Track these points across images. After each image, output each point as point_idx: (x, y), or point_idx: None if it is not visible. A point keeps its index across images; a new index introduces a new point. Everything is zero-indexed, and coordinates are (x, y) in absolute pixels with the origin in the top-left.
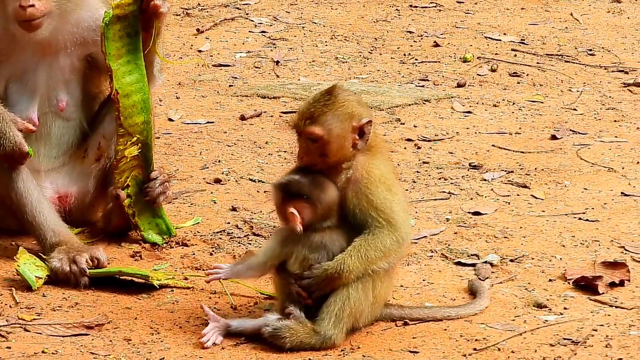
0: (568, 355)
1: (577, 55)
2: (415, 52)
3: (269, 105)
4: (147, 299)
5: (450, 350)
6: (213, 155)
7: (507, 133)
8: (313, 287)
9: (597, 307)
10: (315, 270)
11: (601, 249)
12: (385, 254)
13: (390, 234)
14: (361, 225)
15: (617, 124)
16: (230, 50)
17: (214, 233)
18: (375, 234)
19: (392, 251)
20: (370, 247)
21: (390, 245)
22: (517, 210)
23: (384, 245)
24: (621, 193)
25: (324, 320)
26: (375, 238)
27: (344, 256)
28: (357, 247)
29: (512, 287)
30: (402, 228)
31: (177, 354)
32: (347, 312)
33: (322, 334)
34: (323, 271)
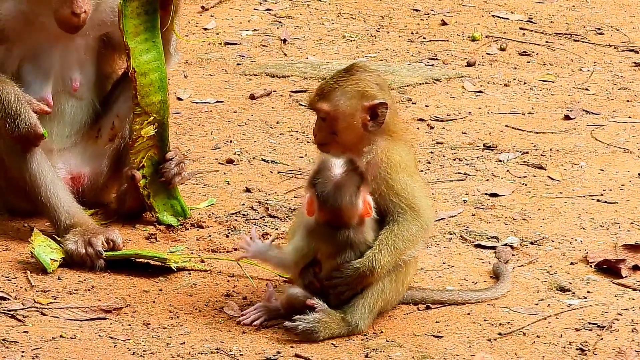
0: (594, 340)
1: (586, 34)
2: (422, 31)
3: (278, 84)
4: (165, 282)
5: (474, 334)
6: (224, 135)
7: (519, 113)
8: (344, 288)
9: (620, 290)
10: (346, 270)
11: (621, 231)
12: (412, 242)
13: (414, 221)
14: (383, 212)
15: (630, 104)
16: (236, 29)
17: (229, 214)
18: (400, 223)
19: (419, 238)
20: (397, 238)
21: (416, 232)
22: (534, 191)
23: (410, 233)
24: (638, 174)
25: (356, 311)
26: (400, 227)
27: (374, 252)
28: (385, 241)
29: (534, 270)
30: (426, 213)
31: (197, 338)
32: (379, 303)
33: (353, 323)
34: (354, 270)
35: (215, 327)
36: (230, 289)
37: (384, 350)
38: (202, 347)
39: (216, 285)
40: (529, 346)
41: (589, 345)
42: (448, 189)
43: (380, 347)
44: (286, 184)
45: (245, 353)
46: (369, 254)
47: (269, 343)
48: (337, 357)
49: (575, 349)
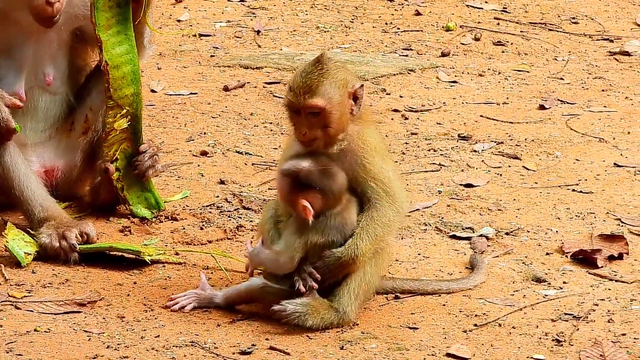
0: (570, 331)
1: (561, 24)
2: (397, 21)
3: (252, 76)
4: (139, 275)
5: (450, 326)
6: (198, 127)
7: (494, 103)
8: (326, 275)
9: (596, 281)
10: (328, 258)
11: (597, 221)
12: (390, 228)
13: (390, 205)
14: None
15: (605, 93)
16: (209, 20)
17: (203, 207)
18: (377, 209)
19: (395, 222)
20: (377, 225)
21: (392, 217)
22: (510, 182)
23: (387, 218)
24: (614, 164)
25: (342, 298)
26: (378, 213)
27: (355, 240)
28: (366, 228)
29: (509, 260)
30: (400, 197)
31: (172, 331)
32: (363, 288)
33: (341, 310)
34: (336, 259)
35: (190, 320)
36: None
37: (359, 342)
38: (177, 340)
39: (190, 278)
40: (505, 337)
41: (565, 336)
42: (423, 179)
43: (356, 338)
44: (260, 176)
45: (220, 346)
46: (350, 242)
47: (244, 335)
48: (312, 350)
49: (551, 339)
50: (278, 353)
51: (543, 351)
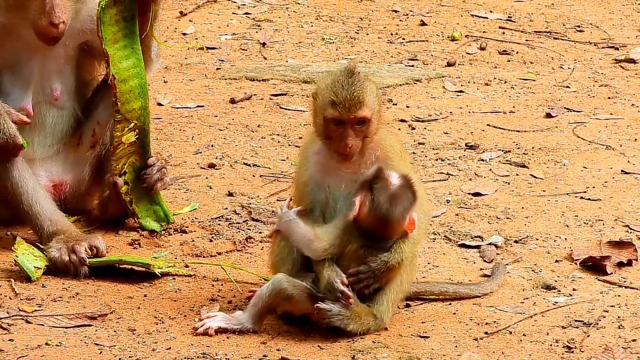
0: (581, 338)
1: (566, 32)
2: (402, 32)
3: (258, 88)
4: (149, 287)
5: (461, 334)
6: (205, 139)
7: (501, 112)
8: (370, 281)
9: (606, 287)
10: (374, 264)
11: (605, 228)
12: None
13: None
14: None
15: (611, 100)
16: (215, 33)
17: (212, 219)
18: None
19: (426, 224)
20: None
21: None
22: (518, 190)
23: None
24: (621, 171)
25: (382, 305)
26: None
27: (400, 245)
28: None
29: (519, 268)
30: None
31: (183, 343)
32: (399, 295)
33: (379, 317)
34: (383, 264)
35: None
36: (214, 293)
37: (370, 351)
38: (188, 352)
39: (201, 290)
40: (516, 345)
41: (575, 343)
42: (431, 189)
43: (367, 348)
44: (268, 187)
45: (232, 357)
46: (396, 247)
47: (255, 346)
48: (324, 359)
49: (562, 346)
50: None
51: (554, 358)
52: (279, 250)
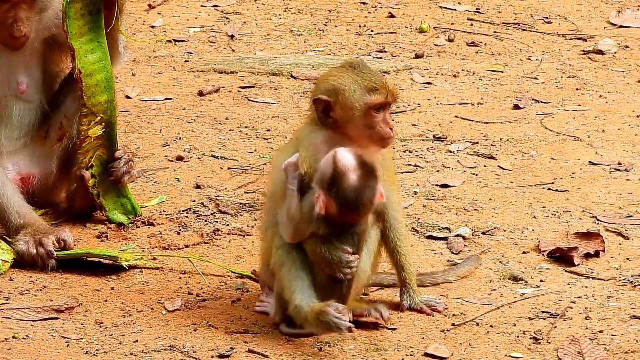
0: (548, 329)
1: (534, 24)
2: (370, 24)
3: (226, 80)
4: (117, 280)
5: (428, 326)
6: (173, 132)
7: (469, 103)
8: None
9: (573, 278)
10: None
11: (573, 219)
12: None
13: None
14: None
15: (579, 92)
16: (183, 26)
17: (179, 212)
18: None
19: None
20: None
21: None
22: (485, 181)
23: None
24: (589, 162)
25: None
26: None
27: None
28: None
29: (486, 260)
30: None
31: (150, 336)
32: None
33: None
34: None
35: (168, 325)
36: (182, 285)
37: (337, 343)
38: (155, 345)
39: (168, 283)
40: (483, 336)
41: (542, 334)
42: (399, 180)
43: (334, 340)
44: (236, 180)
45: (199, 350)
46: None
47: (222, 339)
48: (291, 352)
49: (529, 337)
50: (256, 356)
51: (521, 349)
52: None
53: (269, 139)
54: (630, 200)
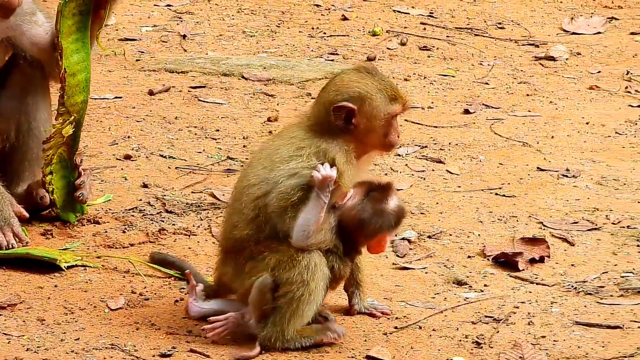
0: (490, 333)
1: (487, 29)
2: (323, 26)
3: (177, 80)
4: (60, 278)
5: (370, 328)
6: (122, 130)
7: (419, 107)
8: None
9: (517, 283)
10: None
11: (519, 224)
12: None
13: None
14: None
15: (529, 98)
16: (136, 24)
17: (125, 210)
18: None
19: None
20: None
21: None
22: (433, 185)
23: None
24: (537, 168)
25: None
26: None
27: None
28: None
29: (431, 264)
30: None
31: (92, 334)
32: None
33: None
34: None
35: (110, 323)
36: (125, 284)
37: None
38: (97, 343)
39: (112, 281)
40: (425, 339)
41: (485, 339)
42: None
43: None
44: (184, 180)
45: (140, 349)
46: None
47: (164, 338)
48: (233, 352)
49: (471, 342)
50: (198, 356)
51: (463, 353)
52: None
53: (217, 139)
54: (576, 207)
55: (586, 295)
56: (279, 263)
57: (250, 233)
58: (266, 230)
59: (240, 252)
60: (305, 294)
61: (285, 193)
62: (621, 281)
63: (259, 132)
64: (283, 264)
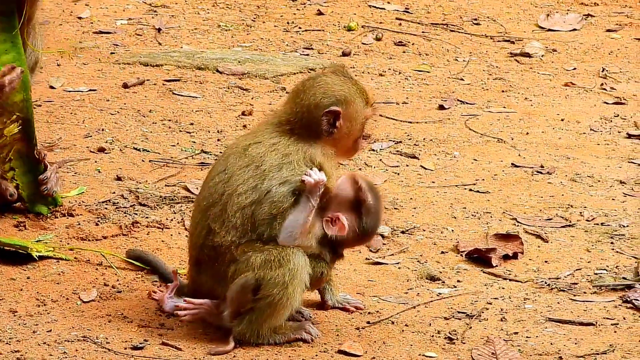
0: (463, 329)
1: (463, 25)
2: (298, 21)
3: (151, 73)
4: (32, 270)
5: (343, 323)
6: (96, 123)
7: (394, 103)
8: None
9: (490, 280)
10: None
11: (493, 220)
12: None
13: None
14: None
15: (504, 94)
16: (110, 17)
17: (99, 203)
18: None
19: None
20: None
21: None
22: (407, 181)
23: None
24: (511, 164)
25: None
26: None
27: None
28: None
29: (405, 259)
30: None
31: (64, 326)
32: None
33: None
34: None
35: (83, 315)
36: (98, 277)
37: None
38: (69, 335)
39: (84, 274)
40: (397, 335)
41: (457, 334)
42: None
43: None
44: (157, 172)
45: (112, 341)
46: None
47: (136, 331)
48: (204, 345)
49: (443, 337)
50: (170, 348)
51: (435, 349)
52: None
53: (191, 132)
54: (550, 204)
55: (559, 292)
56: (265, 262)
57: (233, 239)
58: (250, 235)
59: (217, 258)
60: (284, 297)
61: (278, 201)
62: (594, 278)
63: (233, 126)
64: (269, 263)
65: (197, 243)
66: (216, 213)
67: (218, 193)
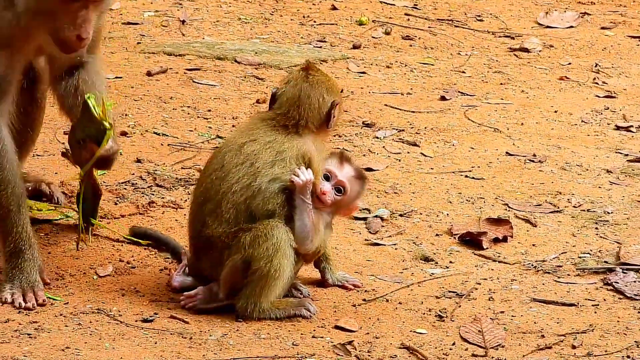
0: (452, 307)
1: (467, 21)
2: (313, 15)
3: (174, 62)
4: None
5: (340, 300)
6: (120, 109)
7: (399, 93)
8: None
9: (481, 261)
10: None
11: (486, 205)
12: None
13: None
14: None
15: (503, 86)
16: (139, 9)
17: (119, 183)
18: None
19: None
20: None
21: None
22: (407, 167)
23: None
24: (506, 153)
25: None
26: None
27: None
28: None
29: (401, 240)
30: None
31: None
32: None
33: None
34: None
35: (98, 289)
36: (114, 253)
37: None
38: (84, 307)
39: (102, 250)
40: (391, 312)
41: (447, 312)
42: None
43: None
44: (175, 156)
45: (124, 314)
46: None
47: (147, 305)
48: (210, 320)
49: (434, 315)
50: (177, 321)
51: (425, 326)
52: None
53: (208, 118)
54: (541, 190)
55: (544, 274)
56: (254, 239)
57: (225, 230)
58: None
59: (212, 245)
60: (272, 269)
61: (271, 197)
62: (578, 261)
63: (247, 113)
64: (257, 239)
65: (194, 233)
66: (211, 208)
67: (214, 189)
